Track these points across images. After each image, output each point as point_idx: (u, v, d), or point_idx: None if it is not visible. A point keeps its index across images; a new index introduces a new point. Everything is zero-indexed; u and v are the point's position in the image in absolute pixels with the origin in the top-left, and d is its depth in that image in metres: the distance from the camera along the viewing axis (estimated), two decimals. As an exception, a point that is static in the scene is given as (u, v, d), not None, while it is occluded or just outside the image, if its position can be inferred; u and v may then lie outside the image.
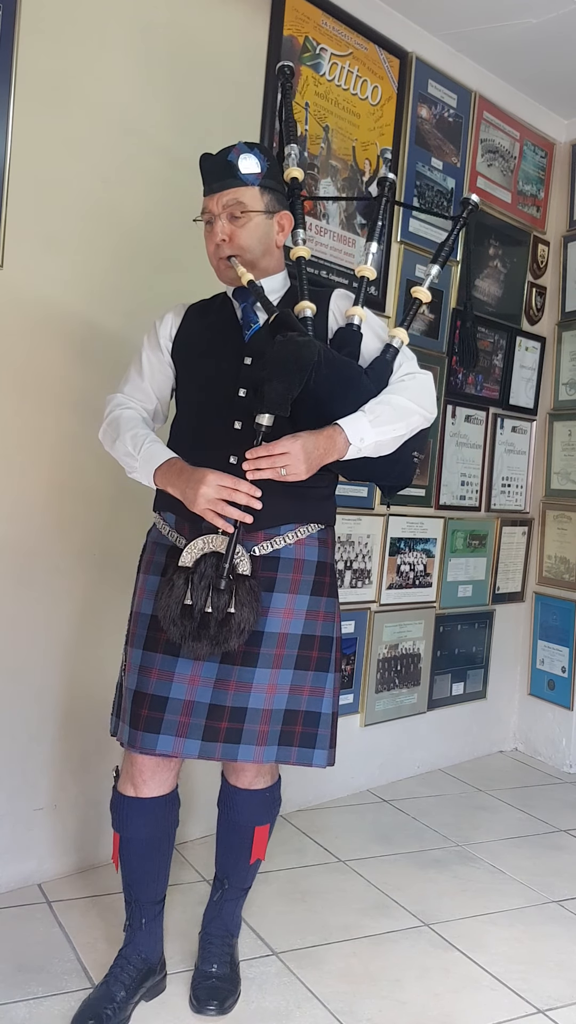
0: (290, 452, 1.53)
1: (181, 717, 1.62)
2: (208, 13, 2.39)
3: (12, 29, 1.99)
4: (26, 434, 2.13)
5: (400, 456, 1.71)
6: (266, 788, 1.81)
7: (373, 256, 1.82)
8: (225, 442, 1.65)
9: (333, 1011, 1.80)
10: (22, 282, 2.08)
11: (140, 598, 1.72)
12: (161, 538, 1.73)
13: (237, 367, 1.68)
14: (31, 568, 2.16)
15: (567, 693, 3.48)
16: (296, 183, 1.85)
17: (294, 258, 1.80)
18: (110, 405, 1.80)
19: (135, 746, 1.63)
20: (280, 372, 1.51)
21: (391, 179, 1.89)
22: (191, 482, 1.58)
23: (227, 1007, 1.77)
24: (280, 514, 1.64)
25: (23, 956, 1.90)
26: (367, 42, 2.81)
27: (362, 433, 1.60)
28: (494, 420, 3.48)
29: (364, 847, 2.59)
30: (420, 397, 1.69)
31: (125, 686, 1.70)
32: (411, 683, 3.21)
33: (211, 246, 1.72)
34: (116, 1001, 1.68)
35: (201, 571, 1.58)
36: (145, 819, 1.71)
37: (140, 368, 1.82)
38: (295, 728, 1.68)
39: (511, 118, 3.37)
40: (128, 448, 1.69)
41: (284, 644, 1.66)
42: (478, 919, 2.22)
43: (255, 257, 1.70)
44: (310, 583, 1.69)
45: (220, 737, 1.63)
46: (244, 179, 1.67)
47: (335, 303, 1.75)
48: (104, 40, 2.18)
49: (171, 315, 1.82)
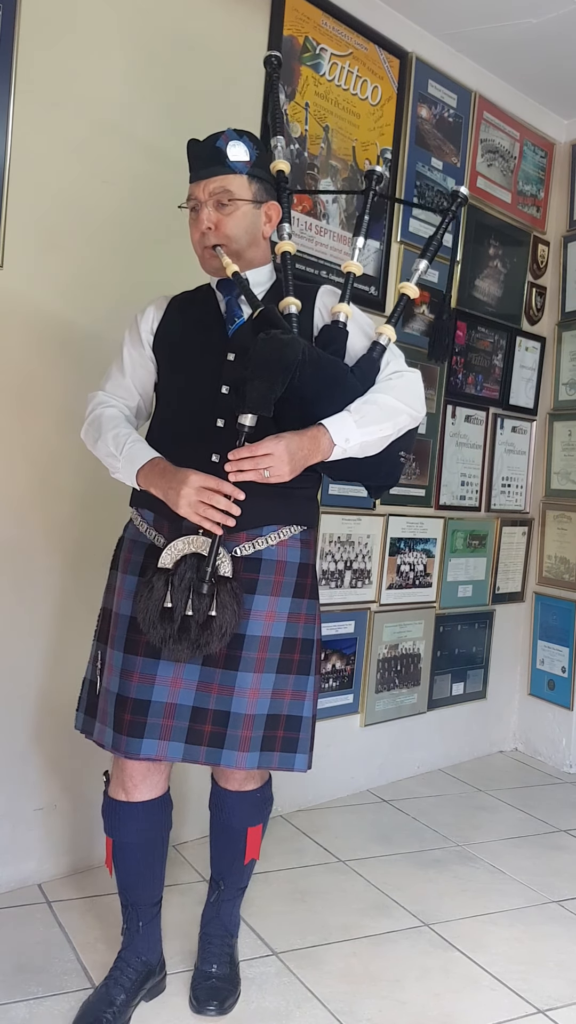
0: (273, 453, 1.50)
1: (164, 720, 1.61)
2: (208, 14, 2.39)
3: (12, 29, 1.99)
4: (25, 434, 2.13)
5: (387, 456, 1.68)
6: (256, 789, 1.80)
7: (360, 251, 1.78)
8: (207, 440, 1.62)
9: (333, 1011, 1.80)
10: (22, 282, 2.08)
11: (119, 598, 1.69)
12: (139, 535, 1.70)
13: (220, 363, 1.65)
14: (28, 569, 2.16)
15: (567, 693, 3.48)
16: (283, 176, 1.80)
17: (279, 252, 1.75)
18: (92, 403, 1.77)
19: (119, 750, 1.62)
20: (262, 371, 1.48)
21: (378, 171, 1.84)
22: (173, 483, 1.55)
23: (227, 1007, 1.76)
24: (263, 514, 1.62)
25: (23, 956, 1.90)
26: (367, 42, 2.81)
27: (347, 433, 1.57)
28: (494, 420, 3.48)
29: (364, 847, 2.59)
30: (407, 396, 1.65)
31: (105, 688, 1.67)
32: (411, 683, 3.20)
33: (196, 234, 1.68)
34: (116, 1004, 1.68)
35: (181, 573, 1.55)
36: (138, 823, 1.69)
37: (121, 365, 1.79)
38: (277, 733, 1.66)
39: (511, 118, 3.37)
40: (110, 448, 1.66)
41: (266, 648, 1.64)
42: (478, 919, 2.22)
43: (241, 247, 1.67)
44: (292, 585, 1.67)
45: (204, 741, 1.62)
46: (232, 167, 1.64)
47: (321, 300, 1.72)
48: (104, 41, 2.18)
49: (152, 308, 1.79)
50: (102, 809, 1.73)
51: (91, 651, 1.79)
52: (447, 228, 1.83)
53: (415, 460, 3.12)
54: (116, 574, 1.73)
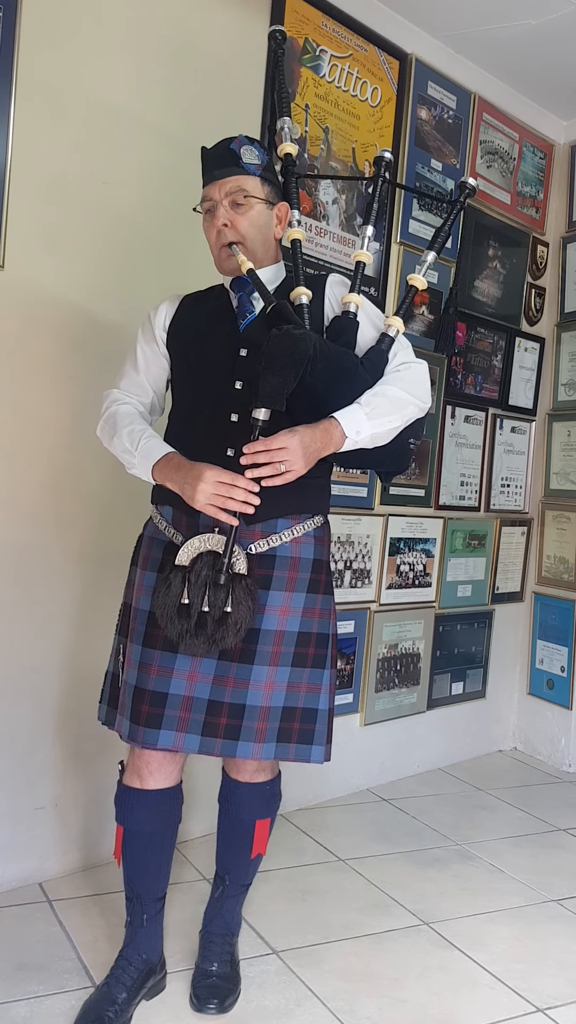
0: (288, 447, 1.53)
1: (181, 713, 1.63)
2: (208, 15, 2.39)
3: (12, 29, 2.00)
4: (25, 433, 2.13)
5: (396, 445, 1.72)
6: (266, 782, 1.82)
7: (369, 239, 1.80)
8: (222, 434, 1.65)
9: (333, 1010, 1.81)
10: (22, 283, 2.09)
11: (138, 594, 1.72)
12: (158, 533, 1.73)
13: (232, 359, 1.68)
14: (30, 567, 2.17)
15: (566, 692, 3.48)
16: (290, 159, 1.83)
17: (289, 240, 1.77)
18: (107, 401, 1.80)
19: (136, 741, 1.64)
20: (275, 366, 1.51)
21: (388, 158, 1.86)
22: (189, 478, 1.58)
23: (227, 1006, 1.77)
24: (277, 506, 1.64)
25: (24, 955, 1.91)
26: (367, 43, 2.81)
27: (358, 426, 1.61)
28: (493, 420, 3.48)
29: (364, 846, 2.60)
30: (415, 387, 1.70)
31: (124, 680, 1.70)
32: (411, 683, 3.21)
33: (212, 234, 1.72)
34: (117, 1003, 1.69)
35: (198, 570, 1.59)
36: (150, 811, 1.72)
37: (135, 362, 1.82)
38: (293, 725, 1.69)
39: (510, 119, 3.38)
40: (126, 444, 1.69)
41: (281, 641, 1.67)
42: (478, 918, 2.22)
43: (255, 246, 1.71)
44: (306, 581, 1.70)
45: (219, 733, 1.64)
46: (246, 168, 1.68)
47: (331, 289, 1.75)
48: (104, 41, 2.18)
49: (165, 305, 1.82)
50: (115, 797, 1.75)
51: (113, 645, 1.83)
52: (456, 219, 1.85)
53: (415, 460, 3.13)
54: (136, 570, 1.76)
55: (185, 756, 1.75)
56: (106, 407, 1.79)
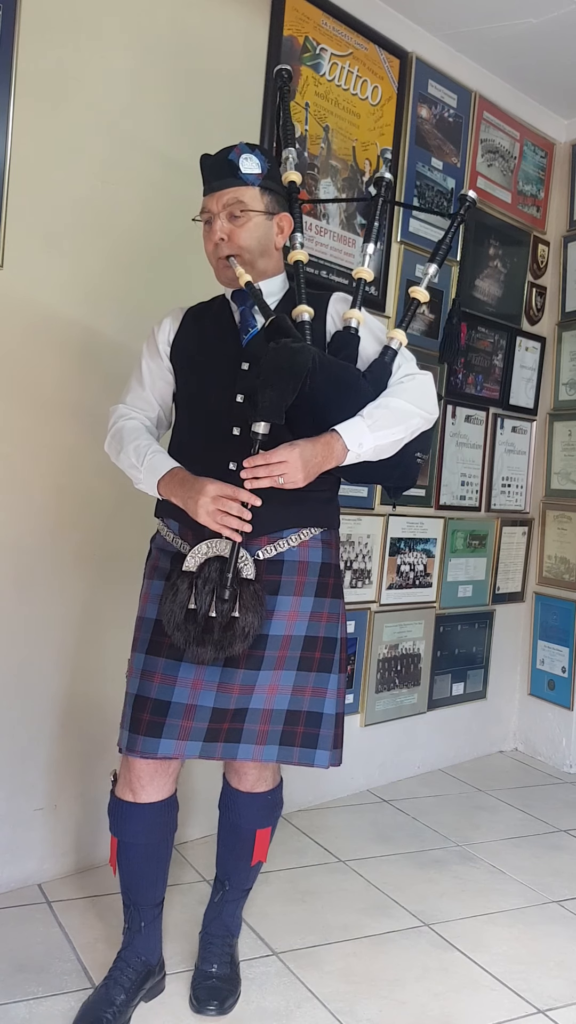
0: (287, 461, 1.52)
1: (183, 721, 1.62)
2: (208, 13, 2.39)
3: (12, 29, 1.99)
4: (25, 436, 2.13)
5: (402, 459, 1.70)
6: (268, 791, 1.81)
7: (370, 257, 1.80)
8: (224, 448, 1.65)
9: (333, 1011, 1.80)
10: (22, 283, 2.08)
11: (144, 602, 1.72)
12: (166, 544, 1.73)
13: (234, 372, 1.68)
14: (31, 570, 2.16)
15: (567, 693, 3.48)
16: (294, 187, 1.84)
17: (292, 261, 1.78)
18: (113, 416, 1.80)
19: (135, 751, 1.62)
20: (273, 380, 1.50)
21: (388, 178, 1.87)
22: (192, 492, 1.58)
23: (227, 1007, 1.76)
24: (281, 519, 1.64)
25: (23, 956, 1.90)
26: (367, 42, 2.81)
27: (360, 438, 1.58)
28: (494, 420, 3.48)
29: (364, 847, 2.59)
30: (419, 399, 1.67)
31: (127, 691, 1.69)
32: (411, 683, 3.21)
33: (210, 245, 1.71)
34: (116, 1004, 1.68)
35: (205, 575, 1.58)
36: (144, 824, 1.70)
37: (140, 377, 1.82)
38: (297, 728, 1.68)
39: (511, 118, 3.37)
40: (132, 460, 1.69)
41: (287, 646, 1.66)
42: (478, 919, 2.22)
43: (253, 257, 1.70)
44: (314, 585, 1.69)
45: (221, 737, 1.63)
46: (244, 179, 1.67)
47: (333, 307, 1.74)
48: (104, 41, 2.18)
49: (169, 320, 1.81)
50: (108, 808, 1.74)
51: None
52: (456, 232, 1.86)
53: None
54: (145, 581, 1.76)
55: (180, 766, 1.74)
56: (112, 422, 1.79)
